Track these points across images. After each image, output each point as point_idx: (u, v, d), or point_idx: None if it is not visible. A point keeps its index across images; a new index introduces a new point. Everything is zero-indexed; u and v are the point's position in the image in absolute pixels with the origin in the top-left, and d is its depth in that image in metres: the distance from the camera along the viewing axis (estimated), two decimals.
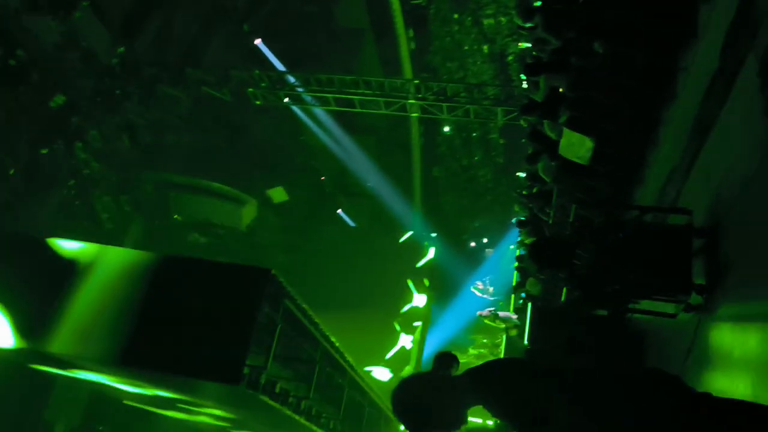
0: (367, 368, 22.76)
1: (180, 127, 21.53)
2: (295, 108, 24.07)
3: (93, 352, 11.09)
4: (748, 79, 4.34)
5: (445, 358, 2.30)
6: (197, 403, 14.52)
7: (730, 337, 4.25)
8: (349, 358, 16.61)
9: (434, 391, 2.21)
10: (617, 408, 1.96)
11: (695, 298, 4.82)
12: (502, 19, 25.17)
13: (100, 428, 17.89)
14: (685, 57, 5.88)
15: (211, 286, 11.11)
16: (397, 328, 28.93)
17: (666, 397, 2.01)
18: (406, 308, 29.56)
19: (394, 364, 27.60)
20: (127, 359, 10.79)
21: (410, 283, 29.95)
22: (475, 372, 2.21)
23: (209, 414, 15.76)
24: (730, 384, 4.10)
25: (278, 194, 25.02)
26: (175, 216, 21.90)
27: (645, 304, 5.72)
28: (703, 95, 5.34)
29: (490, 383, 2.16)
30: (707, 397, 2.07)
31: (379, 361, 27.51)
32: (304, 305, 12.55)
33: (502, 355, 16.03)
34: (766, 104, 3.93)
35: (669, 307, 5.34)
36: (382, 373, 26.95)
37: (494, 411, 2.20)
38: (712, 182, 4.96)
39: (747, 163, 4.19)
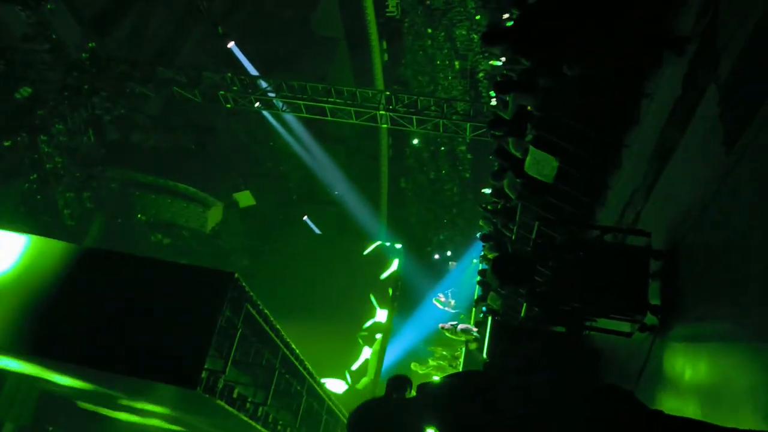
0: (323, 380, 22.67)
1: (148, 126, 21.27)
2: (265, 113, 23.99)
3: (51, 350, 10.84)
4: (708, 107, 4.50)
5: (398, 382, 2.32)
6: (151, 407, 14.28)
7: (682, 358, 4.37)
8: (309, 366, 16.53)
9: (389, 416, 2.22)
10: (572, 423, 2.01)
11: (650, 319, 4.95)
12: (475, 36, 25.51)
13: (50, 428, 17.44)
14: (650, 84, 6.06)
15: (173, 288, 10.97)
16: (361, 342, 28.88)
17: (619, 412, 2.08)
18: (368, 324, 29.50)
19: (351, 376, 27.53)
20: (82, 359, 10.56)
21: (373, 298, 29.92)
22: (425, 394, 2.21)
23: (162, 416, 15.50)
24: (680, 404, 4.22)
25: (245, 198, 24.88)
26: (139, 215, 21.58)
27: (602, 323, 5.85)
28: (665, 121, 5.51)
29: (440, 406, 2.17)
30: (659, 414, 2.14)
31: (338, 372, 27.39)
32: (265, 311, 12.46)
33: (461, 368, 16.13)
34: (725, 133, 4.08)
35: (625, 326, 5.47)
36: (337, 385, 26.82)
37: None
38: (670, 206, 5.10)
39: (704, 189, 4.33)
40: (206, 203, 23.16)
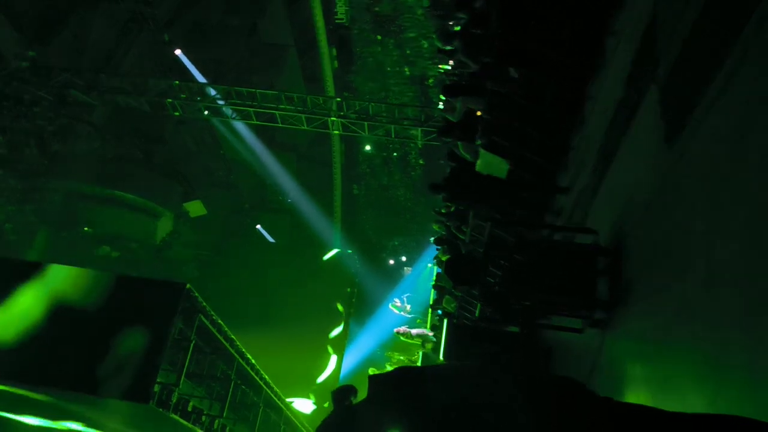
0: (290, 399, 22.50)
1: (92, 136, 20.70)
2: (215, 121, 23.67)
3: None
4: (650, 107, 4.64)
5: (340, 394, 2.31)
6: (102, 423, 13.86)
7: (631, 351, 4.48)
8: (265, 376, 16.32)
9: (344, 427, 2.21)
10: (521, 411, 2.03)
11: (600, 314, 5.07)
12: (424, 42, 25.77)
13: None
14: (593, 86, 6.22)
15: (122, 301, 10.70)
16: (330, 351, 28.63)
17: (568, 400, 2.11)
18: (336, 332, 29.27)
19: (317, 391, 27.21)
20: (26, 375, 10.20)
21: (339, 306, 29.76)
22: (370, 396, 2.19)
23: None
24: (631, 395, 4.33)
25: (195, 208, 24.47)
26: (85, 228, 20.96)
27: (554, 320, 5.96)
28: (608, 122, 5.66)
29: (386, 405, 2.15)
30: (608, 401, 2.19)
31: (303, 386, 27.04)
32: (219, 321, 12.27)
33: None
34: (666, 131, 4.21)
35: (576, 323, 5.59)
36: (304, 405, 26.50)
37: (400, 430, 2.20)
38: (616, 204, 5.24)
39: (647, 187, 4.47)
40: (155, 214, 22.68)
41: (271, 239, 31.46)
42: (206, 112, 20.55)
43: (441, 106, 9.03)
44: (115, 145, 22.05)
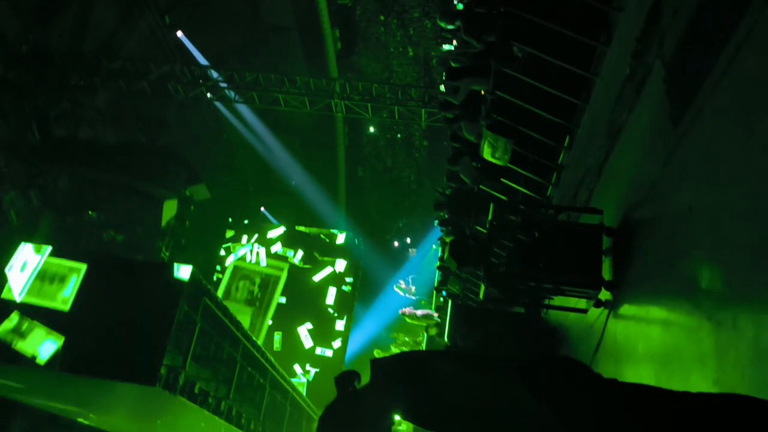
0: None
1: (96, 121, 20.65)
2: (218, 104, 23.59)
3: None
4: (655, 85, 4.58)
5: (344, 379, 2.32)
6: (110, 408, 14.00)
7: (635, 331, 4.47)
8: (271, 358, 16.44)
9: (349, 412, 2.22)
10: (526, 391, 2.02)
11: (605, 294, 5.05)
12: (427, 22, 25.56)
13: None
14: (599, 64, 6.15)
15: (128, 285, 10.75)
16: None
17: (575, 381, 2.10)
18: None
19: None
20: (34, 360, 10.28)
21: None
22: (374, 376, 2.20)
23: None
24: (635, 375, 4.33)
25: (200, 192, 24.47)
26: (90, 213, 20.98)
27: (559, 300, 5.95)
28: (614, 101, 5.60)
29: (391, 387, 2.16)
30: (614, 382, 2.18)
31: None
32: (224, 304, 12.32)
33: None
34: (671, 109, 4.16)
35: (581, 303, 5.58)
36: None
37: (405, 414, 2.21)
38: (621, 183, 5.20)
39: (653, 166, 4.42)
40: (160, 198, 22.69)
41: (275, 222, 31.49)
42: (209, 96, 20.48)
43: (442, 88, 8.96)
44: (118, 129, 22.00)
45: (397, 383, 2.12)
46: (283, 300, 27.44)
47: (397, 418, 2.25)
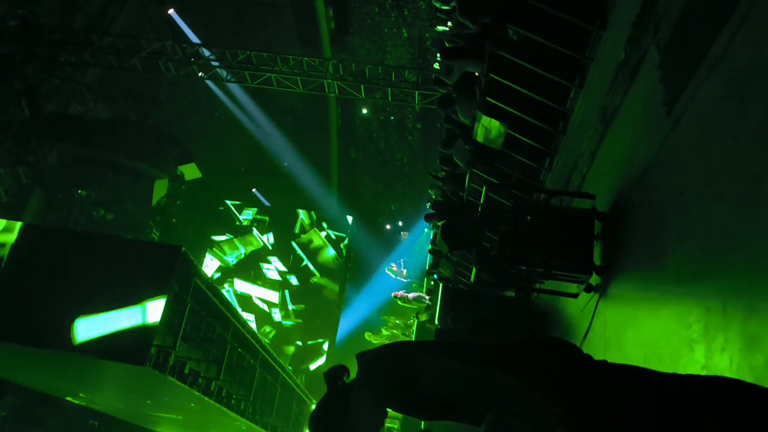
0: None
1: (85, 97, 20.43)
2: (209, 83, 23.39)
3: None
4: (650, 70, 4.57)
5: (333, 374, 2.31)
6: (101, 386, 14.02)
7: (624, 316, 4.50)
8: (262, 339, 16.47)
9: (339, 409, 2.22)
10: (515, 372, 2.03)
11: (595, 279, 5.07)
12: (422, 3, 25.34)
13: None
14: (594, 48, 6.12)
15: (118, 264, 10.69)
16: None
17: (564, 362, 2.11)
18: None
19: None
20: (23, 337, 10.25)
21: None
22: (361, 370, 2.20)
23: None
24: (623, 359, 4.35)
25: (191, 171, 24.33)
26: (80, 191, 20.84)
27: (550, 285, 5.97)
28: (608, 86, 5.59)
29: (378, 379, 2.17)
30: (604, 363, 2.19)
31: None
32: (215, 284, 12.30)
33: (414, 336, 16.32)
34: (665, 95, 4.15)
35: (571, 288, 5.60)
36: None
37: (394, 406, 2.23)
38: (613, 169, 5.20)
39: (645, 152, 4.42)
40: (150, 176, 22.55)
41: (266, 203, 31.40)
42: (200, 74, 20.28)
43: (436, 66, 8.90)
44: (109, 106, 21.79)
45: (384, 377, 2.13)
46: None
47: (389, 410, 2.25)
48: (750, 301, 2.75)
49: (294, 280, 29.18)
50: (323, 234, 30.34)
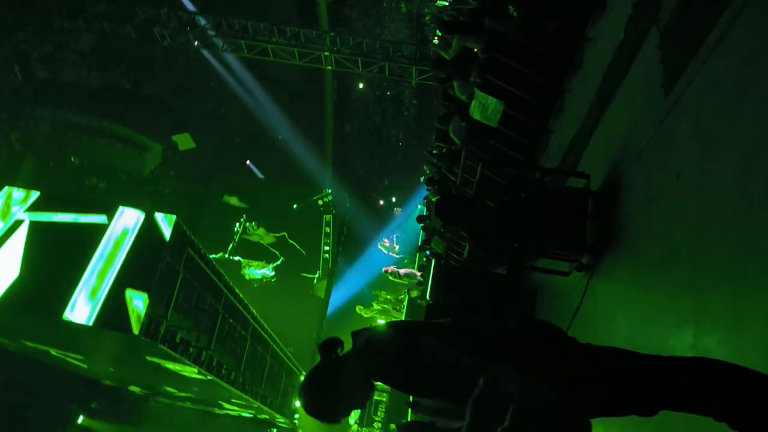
0: None
1: (79, 64, 20.19)
2: (205, 53, 23.13)
3: None
4: (650, 51, 4.55)
5: (328, 346, 2.36)
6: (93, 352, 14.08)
7: (615, 296, 4.54)
8: (253, 311, 16.55)
9: (330, 378, 2.27)
10: (498, 353, 2.07)
11: (587, 258, 5.10)
12: None
13: None
14: (593, 27, 6.09)
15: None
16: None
17: (548, 345, 2.15)
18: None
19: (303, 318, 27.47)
20: (21, 304, 10.28)
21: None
22: (356, 348, 2.26)
23: None
24: (612, 338, 4.41)
25: (184, 141, 24.17)
26: (72, 158, 20.71)
27: (542, 263, 6.01)
28: (607, 66, 5.57)
29: (371, 359, 2.23)
30: (588, 346, 2.23)
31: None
32: (207, 255, 12.31)
33: (404, 312, 16.43)
34: (664, 77, 4.14)
35: (563, 266, 5.64)
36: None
37: (385, 381, 2.30)
38: (609, 149, 5.21)
39: (642, 133, 4.43)
40: (143, 146, 22.43)
41: (260, 175, 31.30)
42: (196, 43, 20.05)
43: (436, 41, 8.84)
44: (102, 74, 21.56)
45: (378, 355, 2.20)
46: None
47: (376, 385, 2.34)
48: (739, 284, 2.78)
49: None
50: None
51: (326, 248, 29.08)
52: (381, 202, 33.60)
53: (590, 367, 2.11)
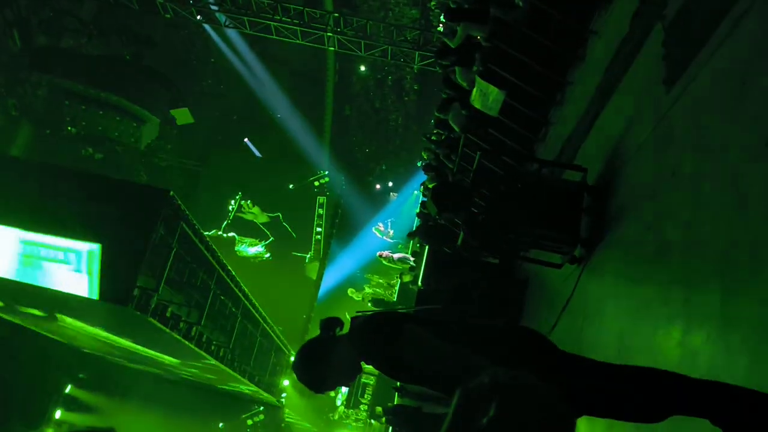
0: None
1: (79, 31, 19.99)
2: (207, 27, 22.95)
3: None
4: (653, 47, 4.54)
5: (328, 323, 2.47)
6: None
7: (605, 290, 4.57)
8: (245, 288, 16.58)
9: (324, 352, 2.38)
10: (487, 350, 2.11)
11: (580, 251, 5.13)
12: None
13: None
14: (598, 20, 6.07)
15: (104, 203, 10.64)
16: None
17: (530, 353, 2.20)
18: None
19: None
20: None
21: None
22: (352, 330, 2.36)
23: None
24: (600, 333, 4.44)
25: (183, 116, 23.99)
26: (69, 128, 20.57)
27: (534, 254, 6.03)
28: (610, 60, 5.56)
29: (363, 343, 2.31)
30: (572, 356, 2.29)
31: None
32: (201, 230, 12.30)
33: (396, 296, 16.49)
34: (666, 73, 4.14)
35: (555, 258, 5.66)
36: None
37: (375, 366, 2.39)
38: (607, 144, 5.21)
39: (641, 129, 4.43)
40: (141, 118, 22.28)
41: (257, 153, 31.20)
42: (198, 17, 19.88)
43: (441, 28, 8.80)
44: (103, 43, 21.36)
45: (373, 340, 2.27)
46: None
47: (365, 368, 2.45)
48: (730, 283, 2.80)
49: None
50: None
51: (318, 230, 29.14)
52: (377, 187, 33.55)
53: (576, 375, 2.18)
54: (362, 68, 30.09)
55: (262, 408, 25.97)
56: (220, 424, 25.32)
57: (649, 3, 4.79)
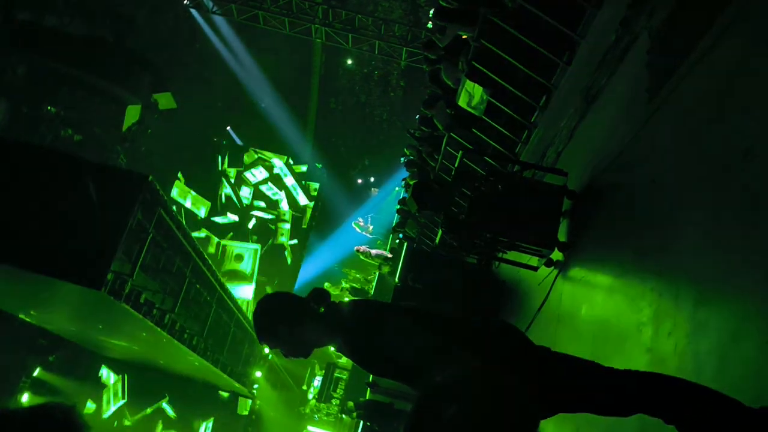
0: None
1: (62, 10, 19.63)
2: (194, 12, 22.70)
3: None
4: (638, 55, 4.58)
5: (319, 295, 2.41)
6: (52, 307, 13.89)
7: (580, 294, 4.60)
8: (221, 278, 16.46)
9: (295, 314, 2.33)
10: (468, 350, 2.11)
11: (557, 254, 5.16)
12: None
13: None
14: (587, 26, 6.10)
15: (81, 185, 10.45)
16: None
17: (507, 348, 2.21)
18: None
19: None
20: None
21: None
22: (332, 314, 2.32)
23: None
24: (573, 336, 4.48)
25: (165, 100, 23.71)
26: (48, 107, 20.20)
27: (512, 255, 6.06)
28: (595, 66, 5.59)
29: (342, 325, 2.29)
30: (544, 349, 2.30)
31: None
32: (179, 217, 12.17)
33: (372, 291, 16.49)
34: (650, 81, 4.18)
35: (533, 260, 5.70)
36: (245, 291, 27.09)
37: (345, 353, 2.36)
38: (589, 149, 5.25)
39: (622, 135, 4.47)
40: (123, 101, 21.95)
41: (239, 142, 30.98)
42: (185, 1, 19.67)
43: (430, 25, 8.79)
44: (85, 23, 21.00)
45: (353, 324, 2.25)
46: None
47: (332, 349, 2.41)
48: (703, 291, 2.84)
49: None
50: (289, 182, 30.17)
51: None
52: (359, 181, 33.50)
53: (551, 370, 2.19)
54: (349, 61, 30.00)
55: (227, 395, 25.71)
56: None
57: (637, 10, 4.82)
